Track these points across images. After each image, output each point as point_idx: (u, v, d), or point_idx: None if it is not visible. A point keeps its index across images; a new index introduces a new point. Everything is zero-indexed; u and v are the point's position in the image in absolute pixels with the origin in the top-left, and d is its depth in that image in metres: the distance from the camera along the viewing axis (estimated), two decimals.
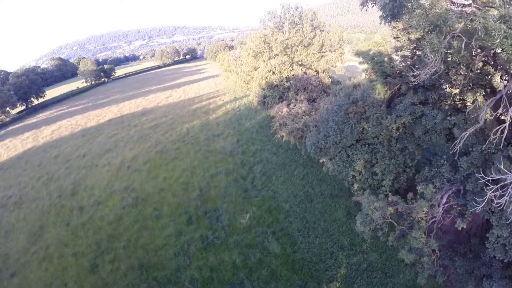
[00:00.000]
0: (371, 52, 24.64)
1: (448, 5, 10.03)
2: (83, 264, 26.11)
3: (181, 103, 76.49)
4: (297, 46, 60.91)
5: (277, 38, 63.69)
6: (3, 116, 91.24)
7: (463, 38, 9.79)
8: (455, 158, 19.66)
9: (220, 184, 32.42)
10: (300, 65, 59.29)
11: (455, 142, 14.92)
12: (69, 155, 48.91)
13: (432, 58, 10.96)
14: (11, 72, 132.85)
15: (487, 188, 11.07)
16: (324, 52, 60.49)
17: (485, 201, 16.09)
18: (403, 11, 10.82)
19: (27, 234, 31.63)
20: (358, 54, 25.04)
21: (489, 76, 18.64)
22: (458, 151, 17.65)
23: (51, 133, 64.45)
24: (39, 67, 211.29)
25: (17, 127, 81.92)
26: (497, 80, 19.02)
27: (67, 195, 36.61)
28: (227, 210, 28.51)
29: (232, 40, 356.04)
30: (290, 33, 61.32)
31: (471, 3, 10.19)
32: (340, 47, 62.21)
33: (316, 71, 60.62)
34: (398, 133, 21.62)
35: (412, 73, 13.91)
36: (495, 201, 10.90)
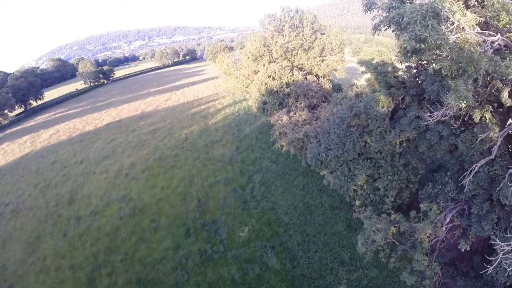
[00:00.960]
0: (374, 61, 24.21)
1: (479, 46, 9.43)
2: (80, 277, 25.68)
3: (180, 106, 75.98)
4: (298, 49, 60.44)
5: (277, 41, 63.20)
6: (1, 119, 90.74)
7: (483, 69, 9.30)
8: (460, 177, 19.32)
9: (218, 195, 31.97)
10: (300, 69, 58.87)
11: (464, 167, 14.38)
12: (66, 161, 48.44)
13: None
14: (10, 74, 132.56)
15: (500, 249, 10.66)
16: (325, 56, 60.06)
17: (490, 225, 15.86)
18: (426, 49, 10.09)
19: (24, 244, 31.20)
20: (361, 63, 24.64)
21: (497, 92, 18.23)
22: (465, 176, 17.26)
23: (49, 137, 63.97)
24: (38, 67, 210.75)
25: (15, 130, 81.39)
26: (505, 95, 18.59)
27: (64, 204, 36.16)
28: (226, 223, 28.06)
29: (232, 41, 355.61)
30: (290, 36, 60.87)
31: (499, 37, 9.70)
32: (341, 50, 61.71)
33: (316, 75, 60.16)
34: (401, 148, 21.20)
35: (428, 114, 13.27)
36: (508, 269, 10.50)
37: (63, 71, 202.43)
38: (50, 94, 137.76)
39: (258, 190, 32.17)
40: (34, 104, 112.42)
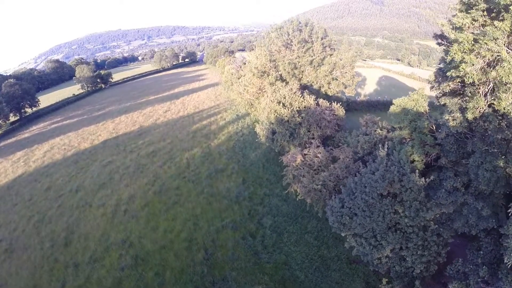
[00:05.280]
0: (408, 111, 21.56)
1: None
2: None
3: (180, 121, 73.26)
4: (306, 66, 57.74)
5: (284, 56, 60.50)
6: None
7: None
8: (495, 258, 17.16)
9: (227, 243, 29.46)
10: (306, 87, 56.21)
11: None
12: (61, 188, 45.66)
13: None
14: (6, 76, 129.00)
15: None
16: (335, 74, 57.45)
17: None
18: None
19: None
20: (393, 116, 22.22)
21: None
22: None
23: (43, 156, 61.03)
24: (35, 69, 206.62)
25: (9, 143, 78.28)
26: None
27: (60, 245, 33.51)
28: (237, 280, 25.62)
29: (232, 41, 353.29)
30: (299, 51, 58.20)
31: None
32: (352, 68, 59.09)
33: (326, 93, 57.56)
34: (436, 224, 18.94)
35: None
36: None
37: (60, 73, 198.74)
38: (47, 98, 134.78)
39: (270, 238, 29.71)
40: (29, 111, 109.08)
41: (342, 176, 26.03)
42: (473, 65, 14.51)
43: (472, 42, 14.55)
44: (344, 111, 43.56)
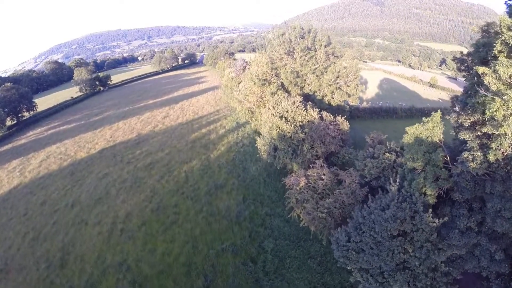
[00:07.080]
0: (422, 141, 20.35)
1: None
2: None
3: (179, 128, 72.15)
4: (309, 74, 56.54)
5: (286, 64, 59.30)
6: None
7: None
8: None
9: (227, 269, 28.40)
10: (308, 97, 55.05)
11: None
12: (56, 202, 44.49)
13: None
14: (4, 78, 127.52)
15: None
16: (339, 83, 56.32)
17: None
18: None
19: None
20: (406, 147, 21.06)
21: None
22: None
23: (39, 165, 59.78)
24: (34, 71, 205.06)
25: (5, 150, 76.97)
26: None
27: (56, 267, 32.39)
28: None
29: (232, 42, 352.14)
30: (301, 59, 57.02)
31: None
32: (356, 78, 57.93)
33: (329, 103, 56.41)
34: (446, 266, 17.92)
35: None
36: None
37: (59, 74, 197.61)
38: (45, 100, 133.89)
39: (271, 264, 28.64)
40: (27, 115, 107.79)
41: (348, 203, 25.01)
42: None
43: None
44: (349, 125, 42.36)
